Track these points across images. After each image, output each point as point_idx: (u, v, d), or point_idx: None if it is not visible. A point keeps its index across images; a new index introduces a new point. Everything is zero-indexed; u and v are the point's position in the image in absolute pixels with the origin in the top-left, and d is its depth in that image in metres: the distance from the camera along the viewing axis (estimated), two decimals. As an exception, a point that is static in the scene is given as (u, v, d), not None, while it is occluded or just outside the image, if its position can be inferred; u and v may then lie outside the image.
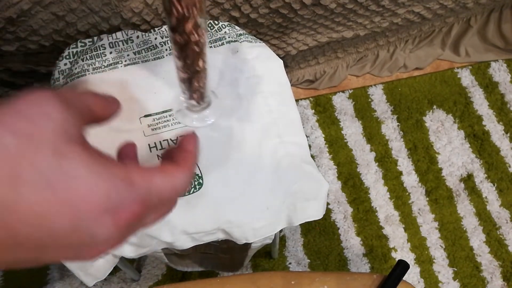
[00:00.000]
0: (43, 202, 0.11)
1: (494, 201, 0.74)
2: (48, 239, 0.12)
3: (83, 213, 0.12)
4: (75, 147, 0.13)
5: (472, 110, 0.80)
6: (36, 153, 0.12)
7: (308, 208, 0.41)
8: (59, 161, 0.12)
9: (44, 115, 0.13)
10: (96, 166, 0.13)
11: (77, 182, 0.12)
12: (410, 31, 0.73)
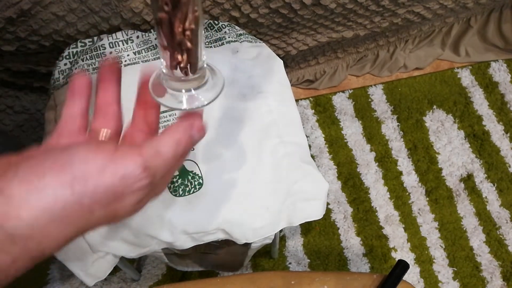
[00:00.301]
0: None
1: (494, 201, 0.74)
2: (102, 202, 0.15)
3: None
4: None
5: (472, 110, 0.80)
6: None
7: (308, 208, 0.41)
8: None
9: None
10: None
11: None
12: (410, 31, 0.72)
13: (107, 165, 0.15)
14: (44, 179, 0.14)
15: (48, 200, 0.14)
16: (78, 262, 0.41)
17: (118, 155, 0.15)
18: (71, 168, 0.15)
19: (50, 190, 0.14)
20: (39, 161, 0.15)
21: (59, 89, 0.45)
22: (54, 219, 0.14)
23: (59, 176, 0.14)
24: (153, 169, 0.16)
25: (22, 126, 0.60)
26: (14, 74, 0.56)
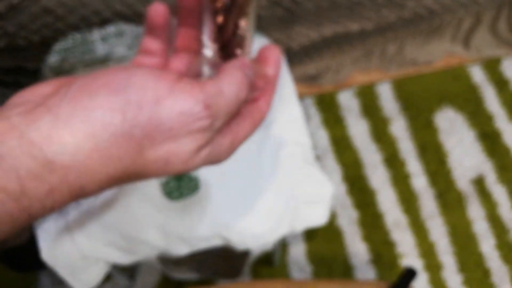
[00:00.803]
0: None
1: (505, 204, 0.72)
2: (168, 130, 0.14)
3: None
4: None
5: (483, 108, 0.78)
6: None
7: (312, 213, 0.40)
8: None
9: None
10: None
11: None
12: (418, 25, 0.71)
13: (165, 96, 0.13)
14: (95, 100, 0.13)
15: (96, 124, 0.13)
16: (68, 268, 0.40)
17: (179, 87, 0.14)
18: (126, 91, 0.13)
19: (99, 113, 0.13)
20: (94, 80, 0.14)
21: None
22: (98, 149, 0.13)
23: (111, 98, 0.13)
24: (215, 110, 0.14)
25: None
26: (2, 71, 0.55)
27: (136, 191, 0.39)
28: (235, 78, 0.15)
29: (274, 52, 0.17)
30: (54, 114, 0.13)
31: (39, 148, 0.12)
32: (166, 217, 0.38)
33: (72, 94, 0.13)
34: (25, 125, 0.13)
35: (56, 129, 0.13)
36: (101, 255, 0.39)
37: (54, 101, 0.13)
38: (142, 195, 0.39)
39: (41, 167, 0.12)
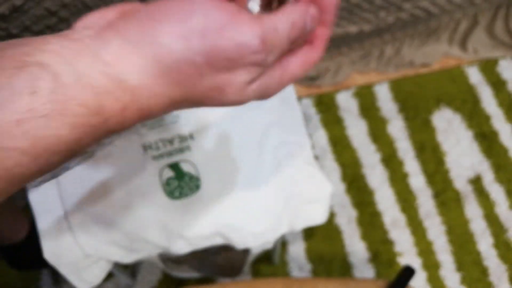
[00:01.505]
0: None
1: (503, 203, 0.72)
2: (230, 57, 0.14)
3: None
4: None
5: (481, 109, 0.78)
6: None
7: (311, 212, 0.40)
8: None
9: None
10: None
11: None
12: (416, 27, 0.71)
13: (226, 26, 0.14)
14: (161, 26, 0.13)
15: (161, 49, 0.13)
16: (70, 267, 0.40)
17: (239, 18, 0.14)
18: (190, 19, 0.14)
19: (166, 39, 0.13)
20: (159, 7, 0.14)
21: None
22: (163, 73, 0.14)
23: (176, 26, 0.14)
24: (269, 45, 0.15)
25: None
26: None
27: (137, 191, 0.39)
28: (289, 18, 0.15)
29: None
30: (123, 36, 0.13)
31: (111, 67, 0.13)
32: (167, 216, 0.39)
33: (139, 19, 0.14)
34: (97, 45, 0.13)
35: (125, 51, 0.13)
36: (103, 254, 0.39)
37: (122, 24, 0.14)
38: (144, 195, 0.39)
39: (114, 85, 0.13)
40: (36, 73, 0.12)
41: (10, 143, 0.12)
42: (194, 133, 0.41)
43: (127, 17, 0.14)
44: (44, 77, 0.12)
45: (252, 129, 0.41)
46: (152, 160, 0.40)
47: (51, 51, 0.13)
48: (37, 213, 0.38)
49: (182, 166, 0.40)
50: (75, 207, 0.39)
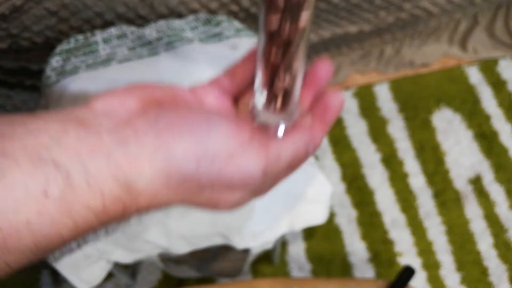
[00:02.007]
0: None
1: (503, 203, 0.72)
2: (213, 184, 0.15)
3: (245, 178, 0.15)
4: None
5: (480, 109, 0.78)
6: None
7: (311, 212, 0.40)
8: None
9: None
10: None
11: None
12: (416, 26, 0.71)
13: (235, 155, 0.15)
14: (178, 143, 0.14)
15: (173, 166, 0.14)
16: (70, 266, 0.40)
17: (248, 148, 0.15)
18: (205, 142, 0.14)
19: (179, 157, 0.14)
20: (180, 120, 0.15)
21: (51, 87, 0.43)
22: (168, 185, 0.14)
23: (191, 147, 0.14)
24: (269, 174, 0.16)
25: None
26: (5, 72, 0.55)
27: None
28: (293, 146, 0.16)
29: (338, 100, 0.18)
30: (140, 142, 0.14)
31: (122, 172, 0.13)
32: (167, 216, 0.38)
33: (159, 129, 0.14)
34: (114, 145, 0.14)
35: (139, 158, 0.14)
36: (104, 254, 0.39)
37: (141, 125, 0.14)
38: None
39: (121, 189, 0.14)
40: (50, 174, 0.12)
41: (18, 243, 0.12)
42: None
43: (148, 118, 0.14)
44: (57, 179, 0.13)
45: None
46: None
47: (67, 147, 0.13)
48: None
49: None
50: None
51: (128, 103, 0.15)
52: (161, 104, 0.15)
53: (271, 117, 0.17)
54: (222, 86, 0.18)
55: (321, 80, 0.18)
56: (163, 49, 0.44)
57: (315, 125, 0.18)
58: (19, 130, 0.13)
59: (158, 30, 0.45)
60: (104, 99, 0.15)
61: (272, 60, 0.16)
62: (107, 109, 0.15)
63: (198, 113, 0.15)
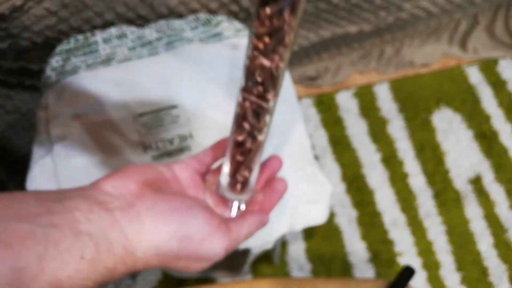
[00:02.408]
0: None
1: (503, 203, 0.72)
2: (185, 259, 0.21)
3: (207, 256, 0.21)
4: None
5: (480, 109, 0.78)
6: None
7: (311, 212, 0.40)
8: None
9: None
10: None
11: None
12: (416, 26, 0.71)
13: (207, 238, 0.20)
14: (169, 226, 0.20)
15: (162, 244, 0.19)
16: None
17: (216, 232, 0.21)
18: (188, 227, 0.20)
19: (168, 237, 0.19)
20: (169, 208, 0.20)
21: (51, 87, 0.44)
22: (157, 255, 0.20)
23: (177, 230, 0.20)
24: (229, 250, 0.22)
25: (13, 127, 0.60)
26: (5, 72, 0.55)
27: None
28: (248, 230, 0.22)
29: (282, 186, 0.24)
30: (142, 224, 0.19)
31: (129, 243, 0.19)
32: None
33: (155, 213, 0.20)
34: (125, 223, 0.19)
35: (140, 235, 0.19)
36: None
37: (142, 210, 0.20)
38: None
39: (128, 256, 0.19)
40: (86, 242, 0.17)
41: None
42: (194, 133, 0.41)
43: (146, 205, 0.20)
44: (90, 245, 0.18)
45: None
46: (152, 160, 0.40)
47: (94, 222, 0.18)
48: None
49: (182, 166, 0.40)
50: None
51: (129, 186, 0.20)
52: (152, 184, 0.21)
53: (233, 195, 0.23)
54: (192, 167, 0.24)
55: (273, 170, 0.25)
56: (163, 49, 0.44)
57: (265, 203, 0.24)
58: (61, 208, 0.18)
59: (158, 30, 0.45)
60: (110, 182, 0.20)
61: (236, 159, 0.22)
62: (114, 192, 0.20)
63: (183, 202, 0.21)
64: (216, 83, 0.42)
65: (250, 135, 0.21)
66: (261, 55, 0.18)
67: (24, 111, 0.60)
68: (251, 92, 0.20)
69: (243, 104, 0.21)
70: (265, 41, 0.18)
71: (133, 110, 0.41)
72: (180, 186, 0.22)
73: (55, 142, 0.40)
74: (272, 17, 0.17)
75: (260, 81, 0.19)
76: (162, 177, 0.22)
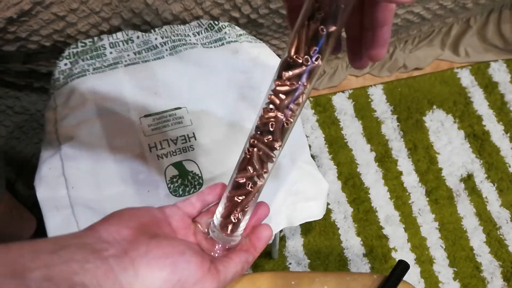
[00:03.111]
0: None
1: (494, 201, 0.74)
2: None
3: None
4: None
5: (472, 110, 0.80)
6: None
7: (308, 208, 0.41)
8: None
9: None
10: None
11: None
12: (409, 31, 0.73)
13: (198, 282, 0.21)
14: (162, 272, 0.20)
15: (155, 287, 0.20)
16: None
17: (207, 275, 0.21)
18: (181, 273, 0.20)
19: (161, 283, 0.20)
20: (163, 255, 0.20)
21: (59, 89, 0.45)
22: None
23: (171, 276, 0.20)
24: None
25: (22, 127, 0.61)
26: (15, 74, 0.56)
27: (143, 189, 0.40)
28: (235, 269, 0.23)
29: (267, 234, 0.25)
30: (136, 271, 0.20)
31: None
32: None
33: (149, 259, 0.20)
34: (119, 271, 0.19)
35: (135, 281, 0.20)
36: None
37: (136, 257, 0.20)
38: (149, 193, 0.40)
39: None
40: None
41: None
42: (197, 133, 0.42)
43: (139, 252, 0.20)
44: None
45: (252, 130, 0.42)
46: (157, 159, 0.41)
47: (89, 271, 0.18)
48: (45, 210, 0.39)
49: (185, 165, 0.41)
50: (82, 205, 0.39)
51: (123, 232, 0.21)
52: (146, 228, 0.21)
53: (223, 236, 0.24)
54: (183, 210, 0.24)
55: (260, 218, 0.26)
56: (168, 53, 0.45)
57: (250, 248, 0.25)
58: (57, 260, 0.18)
59: (163, 35, 0.47)
60: (105, 227, 0.20)
61: (233, 200, 0.23)
62: (109, 238, 0.20)
63: (176, 247, 0.21)
64: (218, 85, 0.44)
65: (251, 179, 0.23)
66: (276, 110, 0.20)
67: (33, 112, 0.61)
68: (260, 140, 0.22)
69: (251, 150, 0.22)
70: (281, 98, 0.20)
71: (139, 111, 0.42)
72: (171, 229, 0.23)
73: (63, 142, 0.41)
74: (292, 79, 0.20)
75: (271, 131, 0.21)
76: (154, 220, 0.22)
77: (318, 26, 0.18)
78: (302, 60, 0.19)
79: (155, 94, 0.43)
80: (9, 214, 0.54)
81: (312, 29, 0.18)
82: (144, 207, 0.23)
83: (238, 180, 0.23)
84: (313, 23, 0.18)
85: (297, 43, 0.19)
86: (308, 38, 0.19)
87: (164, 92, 0.43)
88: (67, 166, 0.40)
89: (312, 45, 0.19)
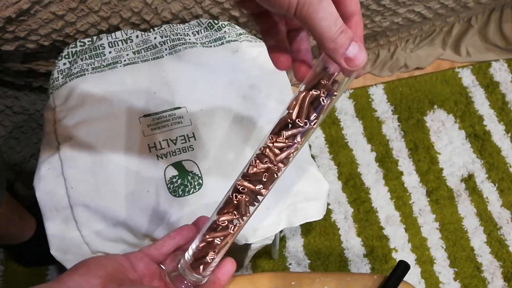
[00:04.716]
0: None
1: (495, 201, 0.74)
2: None
3: None
4: None
5: (473, 110, 0.80)
6: None
7: (309, 209, 0.41)
8: None
9: None
10: None
11: None
12: (410, 30, 0.72)
13: None
14: None
15: None
16: (77, 262, 0.41)
17: None
18: None
19: None
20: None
21: (58, 88, 0.45)
22: None
23: None
24: None
25: (21, 128, 0.61)
26: (13, 74, 0.56)
27: (143, 189, 0.40)
28: None
29: (231, 269, 0.27)
30: None
31: None
32: (171, 213, 0.40)
33: None
34: None
35: None
36: (109, 250, 0.40)
37: None
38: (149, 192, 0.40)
39: None
40: None
41: None
42: (197, 134, 0.42)
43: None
44: None
45: (251, 130, 0.42)
46: (157, 159, 0.41)
47: None
48: (45, 210, 0.39)
49: (185, 165, 0.41)
50: (81, 205, 0.39)
51: (92, 281, 0.21)
52: (113, 276, 0.22)
53: (193, 275, 0.25)
54: (149, 255, 0.25)
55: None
56: (167, 53, 0.45)
57: (216, 282, 0.26)
58: None
59: (162, 35, 0.47)
60: (75, 278, 0.21)
61: (211, 242, 0.24)
62: (73, 285, 0.21)
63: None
64: (218, 85, 0.44)
65: (232, 222, 0.24)
66: (270, 163, 0.22)
67: (32, 112, 0.61)
68: (250, 188, 0.23)
69: (239, 196, 0.23)
70: (276, 152, 0.22)
71: (138, 111, 0.42)
72: (137, 275, 0.24)
73: (62, 142, 0.41)
74: (288, 138, 0.22)
75: (263, 181, 0.23)
76: (120, 268, 0.23)
77: (319, 95, 0.20)
78: (302, 124, 0.21)
79: (155, 93, 0.43)
80: (9, 214, 0.54)
81: (314, 97, 0.20)
82: (109, 255, 0.24)
83: (219, 220, 0.24)
84: (315, 91, 0.20)
85: (299, 108, 0.21)
86: (310, 104, 0.21)
87: (163, 92, 0.43)
88: (66, 166, 0.40)
89: (311, 111, 0.21)
